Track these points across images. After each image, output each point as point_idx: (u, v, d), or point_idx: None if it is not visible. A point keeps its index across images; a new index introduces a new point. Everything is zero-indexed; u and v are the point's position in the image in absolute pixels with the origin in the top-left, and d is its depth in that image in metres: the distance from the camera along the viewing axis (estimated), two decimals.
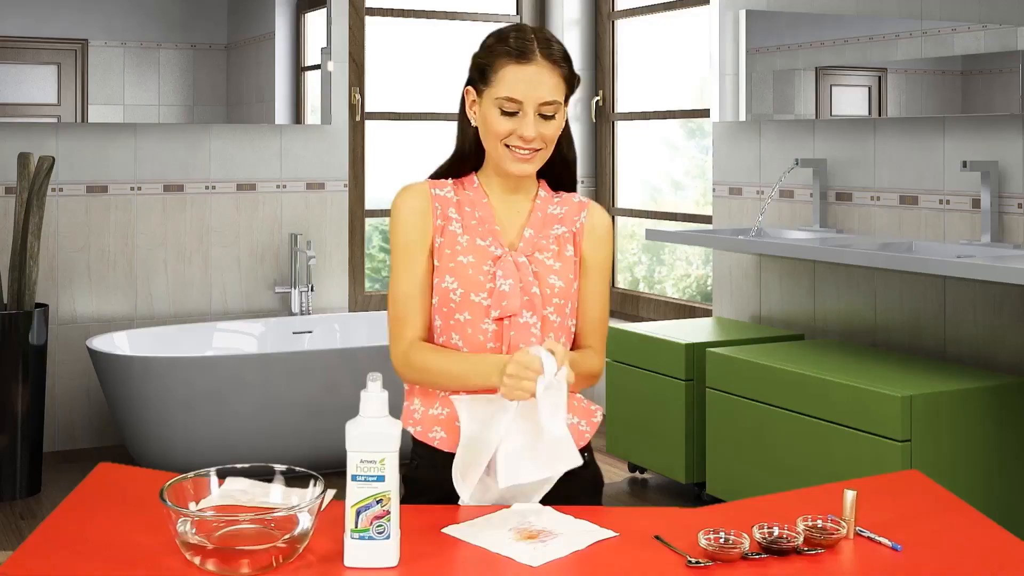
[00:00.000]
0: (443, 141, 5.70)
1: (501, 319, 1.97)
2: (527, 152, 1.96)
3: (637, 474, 4.51)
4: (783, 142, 4.39)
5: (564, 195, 2.11)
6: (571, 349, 2.08)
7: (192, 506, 1.68)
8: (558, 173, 2.11)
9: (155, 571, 1.53)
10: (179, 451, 4.26)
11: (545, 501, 1.99)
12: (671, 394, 4.12)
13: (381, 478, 1.57)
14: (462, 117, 2.07)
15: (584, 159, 5.73)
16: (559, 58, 1.96)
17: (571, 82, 2.00)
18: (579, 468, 2.03)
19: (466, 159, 2.08)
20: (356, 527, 1.56)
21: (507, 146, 1.97)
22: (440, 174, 2.10)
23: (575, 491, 2.01)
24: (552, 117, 1.96)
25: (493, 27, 5.77)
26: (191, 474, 1.69)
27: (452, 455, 1.98)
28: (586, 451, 2.06)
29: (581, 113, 5.72)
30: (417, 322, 2.01)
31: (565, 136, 2.09)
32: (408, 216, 2.02)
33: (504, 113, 1.96)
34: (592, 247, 2.08)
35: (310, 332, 5.02)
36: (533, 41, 1.96)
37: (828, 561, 1.61)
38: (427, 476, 2.01)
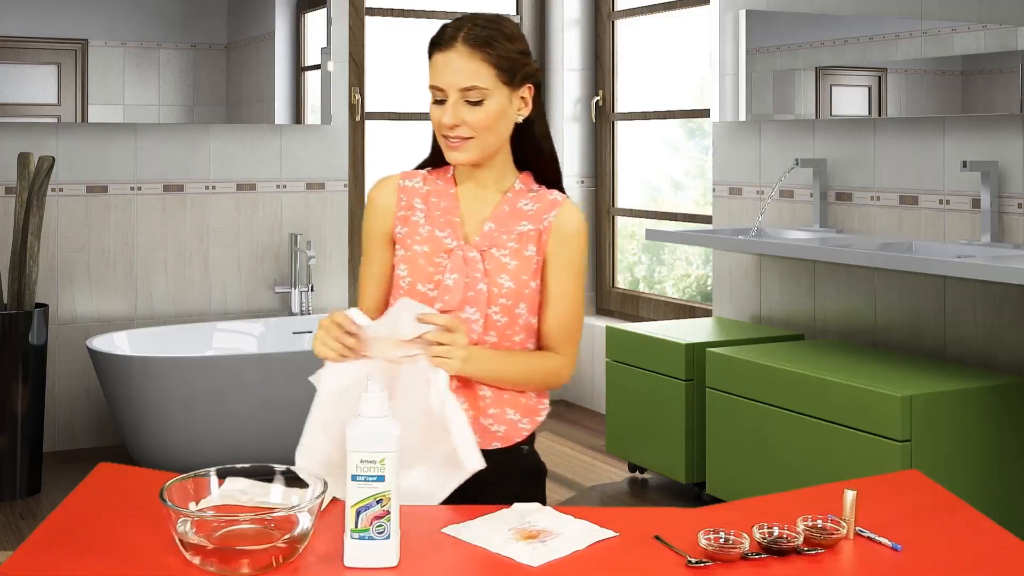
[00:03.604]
0: None
1: (445, 312, 1.96)
2: (455, 140, 1.94)
3: (637, 474, 4.51)
4: (783, 142, 4.39)
5: (542, 191, 2.05)
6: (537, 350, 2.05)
7: (192, 506, 1.68)
8: (532, 163, 2.07)
9: (155, 571, 1.53)
10: (179, 451, 4.26)
11: (488, 494, 2.00)
12: (671, 394, 4.12)
13: (381, 478, 1.57)
14: None
15: (584, 159, 5.73)
16: (479, 42, 1.91)
17: (502, 67, 1.94)
18: (521, 459, 2.03)
19: (439, 151, 2.09)
20: (356, 527, 1.57)
21: (445, 136, 1.96)
22: (423, 165, 2.12)
23: (516, 482, 2.02)
24: (479, 103, 1.92)
25: None
26: (191, 474, 1.69)
27: None
28: (526, 444, 2.05)
29: (581, 113, 5.72)
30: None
31: (541, 127, 2.05)
32: (370, 209, 2.06)
33: (436, 102, 1.95)
34: (556, 247, 2.01)
35: (310, 332, 5.02)
36: (460, 28, 1.93)
37: (828, 561, 1.61)
38: None
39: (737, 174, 4.61)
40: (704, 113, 5.07)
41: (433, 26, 5.67)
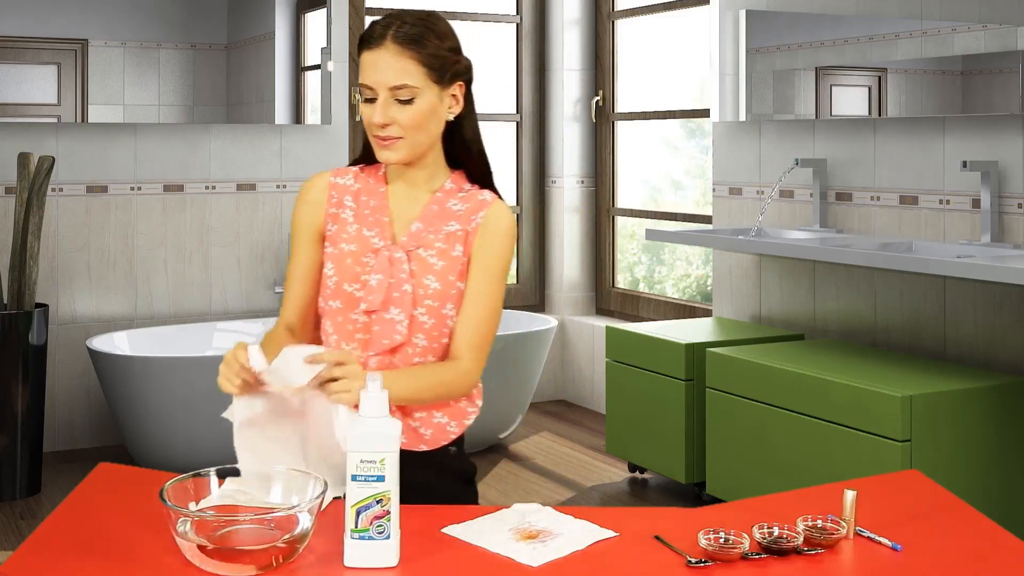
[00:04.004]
0: None
1: (370, 312, 1.95)
2: (385, 139, 1.93)
3: (637, 474, 4.51)
4: (783, 142, 4.39)
5: (473, 191, 2.03)
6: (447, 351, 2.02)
7: (192, 506, 1.68)
8: (461, 161, 2.05)
9: (155, 571, 1.53)
10: (179, 451, 4.26)
11: (417, 496, 2.00)
12: (671, 394, 4.12)
13: (381, 478, 1.57)
14: None
15: (584, 159, 5.73)
16: (408, 41, 1.90)
17: (432, 65, 1.92)
18: (449, 460, 2.03)
19: (371, 149, 2.07)
20: (356, 527, 1.56)
21: (375, 135, 1.95)
22: (356, 162, 2.09)
23: (445, 483, 2.02)
24: (409, 102, 1.91)
25: (493, 27, 5.78)
26: (191, 474, 1.69)
27: (416, 453, 1.99)
28: (453, 446, 2.04)
29: (581, 113, 5.72)
30: (287, 309, 2.04)
31: (470, 126, 2.02)
32: (299, 207, 2.04)
33: (366, 100, 1.94)
34: (480, 247, 1.98)
35: None
36: (388, 26, 1.91)
37: (828, 561, 1.61)
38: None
39: (737, 174, 4.61)
40: (704, 113, 5.07)
41: None
